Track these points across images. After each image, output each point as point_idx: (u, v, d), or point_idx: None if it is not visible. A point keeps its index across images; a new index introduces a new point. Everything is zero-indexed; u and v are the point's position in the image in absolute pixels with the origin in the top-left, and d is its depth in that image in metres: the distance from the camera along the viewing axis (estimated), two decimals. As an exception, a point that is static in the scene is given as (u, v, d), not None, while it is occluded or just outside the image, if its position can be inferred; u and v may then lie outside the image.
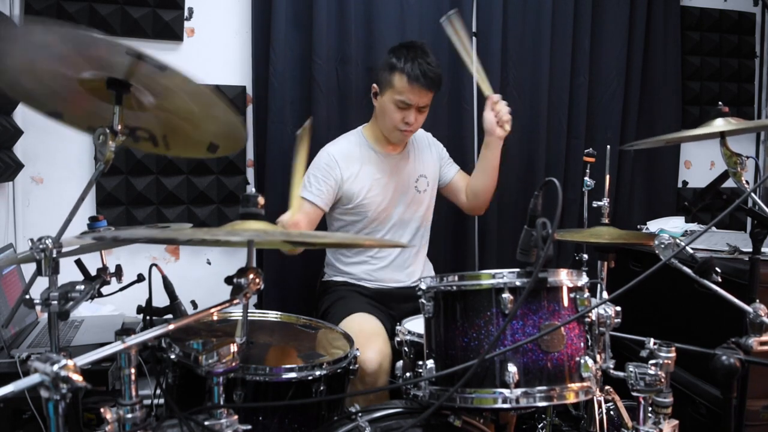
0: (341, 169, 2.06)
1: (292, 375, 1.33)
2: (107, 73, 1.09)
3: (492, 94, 2.03)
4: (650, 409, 1.33)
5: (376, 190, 2.09)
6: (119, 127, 1.11)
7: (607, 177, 1.78)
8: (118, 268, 1.28)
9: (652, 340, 1.32)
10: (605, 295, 1.62)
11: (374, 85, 2.07)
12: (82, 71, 1.09)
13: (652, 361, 1.30)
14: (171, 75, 1.03)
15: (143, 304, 1.35)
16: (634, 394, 1.32)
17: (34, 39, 1.03)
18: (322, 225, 2.18)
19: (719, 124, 1.46)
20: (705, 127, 1.48)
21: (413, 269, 2.19)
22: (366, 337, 1.63)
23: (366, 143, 2.13)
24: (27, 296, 1.11)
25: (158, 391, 1.31)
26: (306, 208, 2.00)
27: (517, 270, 1.26)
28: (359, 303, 2.00)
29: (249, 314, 1.36)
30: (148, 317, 1.35)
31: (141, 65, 1.03)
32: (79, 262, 1.26)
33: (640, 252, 2.37)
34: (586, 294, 1.31)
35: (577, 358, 1.25)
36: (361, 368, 1.60)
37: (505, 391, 1.20)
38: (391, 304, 2.10)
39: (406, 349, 1.55)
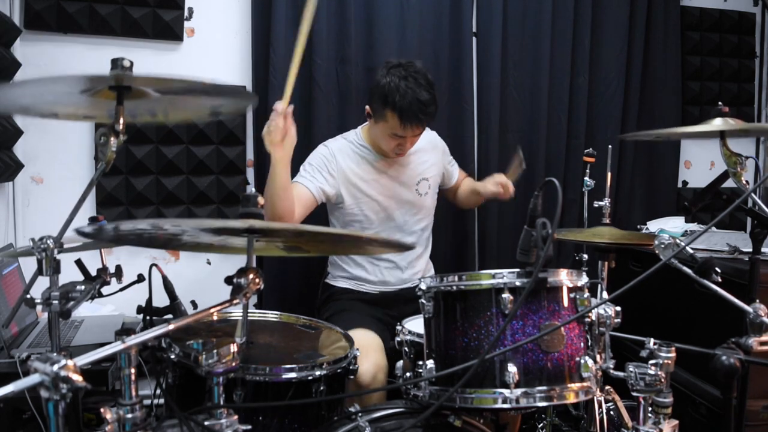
0: (338, 163, 2.05)
1: (292, 375, 1.33)
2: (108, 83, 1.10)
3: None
4: (650, 409, 1.32)
5: (374, 190, 2.09)
6: (121, 127, 1.11)
7: (609, 176, 1.78)
8: (118, 268, 1.28)
9: (652, 340, 1.32)
10: (605, 295, 1.61)
11: (368, 107, 2.03)
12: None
13: (652, 361, 1.30)
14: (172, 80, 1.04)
15: (143, 304, 1.35)
16: (634, 394, 1.31)
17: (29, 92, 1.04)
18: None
19: (719, 124, 1.46)
20: (705, 125, 1.48)
21: (417, 272, 2.19)
22: (363, 351, 1.63)
23: (364, 144, 2.12)
24: (28, 296, 1.11)
25: (158, 391, 1.31)
26: (298, 192, 1.96)
27: (517, 270, 1.26)
28: (360, 317, 1.98)
29: (249, 314, 1.36)
30: (148, 317, 1.35)
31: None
32: (79, 262, 1.26)
33: (640, 252, 2.37)
34: (586, 294, 1.31)
35: (577, 358, 1.25)
36: (357, 380, 1.60)
37: (505, 391, 1.20)
38: (393, 306, 2.09)
39: (406, 349, 1.55)
